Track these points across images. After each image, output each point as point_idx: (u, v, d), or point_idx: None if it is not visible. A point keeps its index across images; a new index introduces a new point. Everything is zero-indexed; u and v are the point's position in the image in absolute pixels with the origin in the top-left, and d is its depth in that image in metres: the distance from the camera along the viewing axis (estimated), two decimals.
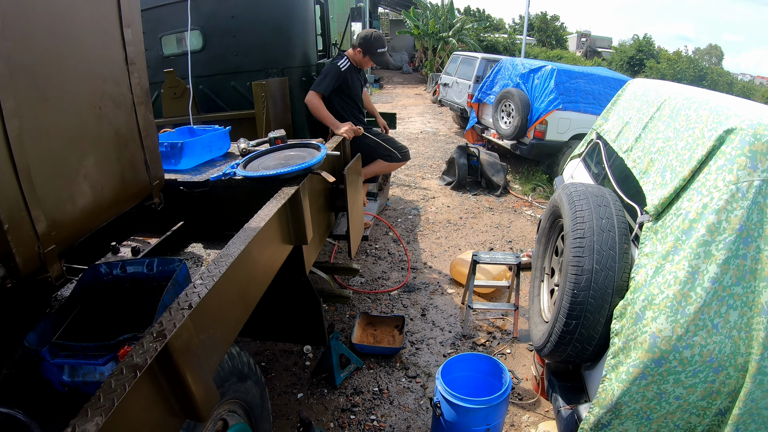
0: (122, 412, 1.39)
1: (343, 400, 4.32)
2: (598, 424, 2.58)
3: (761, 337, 2.25)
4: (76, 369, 2.02)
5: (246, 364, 2.84)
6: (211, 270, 2.02)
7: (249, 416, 3.01)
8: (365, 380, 4.56)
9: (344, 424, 4.09)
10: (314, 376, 4.56)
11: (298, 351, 4.92)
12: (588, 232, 2.78)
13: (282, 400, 4.31)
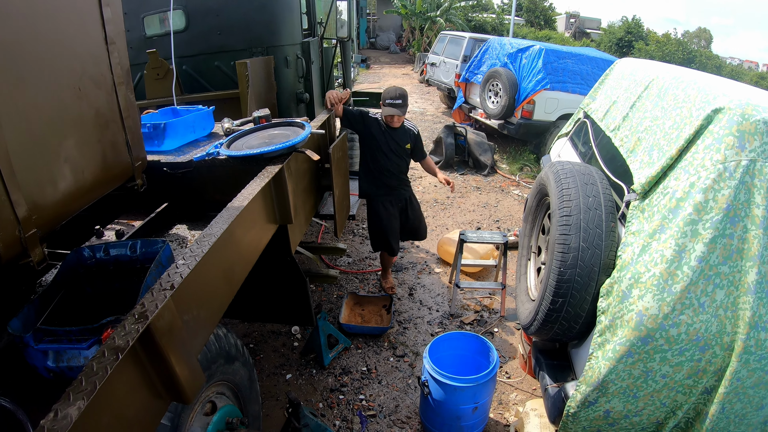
0: (105, 395, 1.37)
1: (332, 380, 4.32)
2: (585, 402, 2.59)
3: (747, 316, 2.26)
4: (61, 354, 2.00)
5: (233, 346, 2.83)
6: (193, 250, 1.99)
7: (237, 398, 3.00)
8: (353, 360, 4.57)
9: (333, 404, 4.10)
10: (303, 357, 4.56)
11: (286, 332, 4.91)
12: (575, 210, 2.78)
13: (271, 381, 4.31)
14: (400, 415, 4.01)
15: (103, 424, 1.40)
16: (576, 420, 2.72)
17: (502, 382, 4.33)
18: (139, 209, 3.55)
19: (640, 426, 2.69)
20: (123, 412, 1.50)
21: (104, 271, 2.55)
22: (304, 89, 5.69)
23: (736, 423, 2.55)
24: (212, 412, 2.69)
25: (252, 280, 3.25)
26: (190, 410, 2.47)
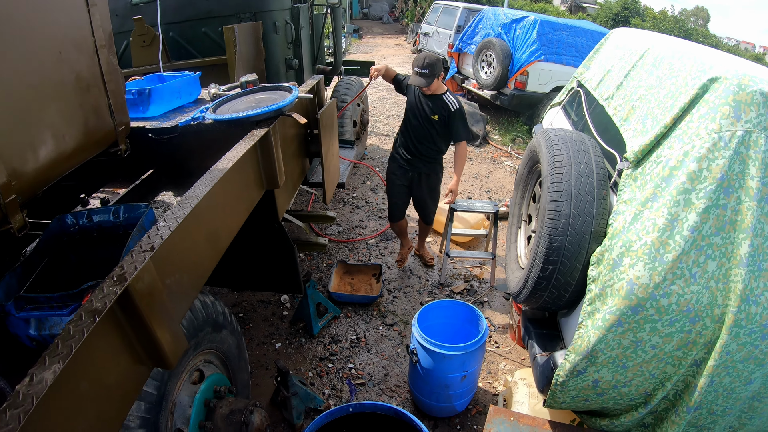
0: (82, 360, 1.33)
1: (321, 349, 4.32)
2: (574, 371, 2.59)
3: (739, 289, 2.24)
4: (43, 322, 1.97)
5: (221, 314, 2.80)
6: (174, 212, 1.94)
7: (226, 366, 2.99)
8: (343, 329, 4.57)
9: (322, 372, 4.10)
10: (292, 326, 4.56)
11: (275, 301, 4.90)
12: (566, 176, 2.74)
13: (260, 350, 4.31)
14: (390, 383, 4.02)
15: (81, 390, 1.37)
16: (564, 389, 2.72)
17: (492, 351, 4.34)
18: (124, 177, 3.50)
19: (628, 396, 2.69)
20: (103, 378, 1.47)
21: (88, 238, 2.51)
22: (293, 55, 5.59)
23: (724, 397, 2.55)
24: (200, 381, 2.68)
25: (240, 248, 3.23)
26: (177, 379, 2.45)
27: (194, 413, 2.56)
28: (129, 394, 1.67)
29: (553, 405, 2.92)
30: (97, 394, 1.45)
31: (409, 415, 2.59)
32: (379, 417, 2.77)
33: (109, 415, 1.52)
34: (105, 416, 1.50)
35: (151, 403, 2.16)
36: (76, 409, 1.35)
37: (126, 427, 2.03)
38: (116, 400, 1.57)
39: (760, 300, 2.27)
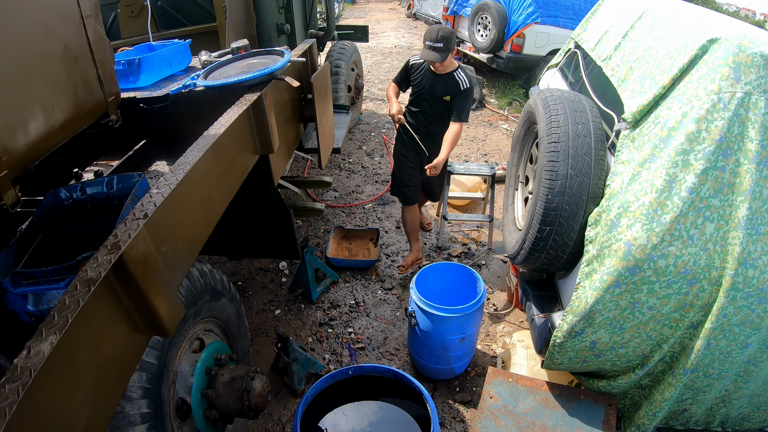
0: (79, 330, 1.33)
1: (321, 315, 4.34)
2: (572, 332, 2.60)
3: (736, 252, 2.24)
4: (41, 297, 1.96)
5: (219, 282, 2.80)
6: (167, 178, 1.92)
7: (226, 334, 3.00)
8: (341, 294, 4.58)
9: (322, 338, 4.13)
10: (291, 292, 4.57)
11: (274, 268, 4.90)
12: (563, 136, 2.71)
13: (260, 317, 4.33)
14: (389, 347, 4.05)
15: (80, 361, 1.37)
16: (562, 350, 2.74)
17: (490, 314, 4.37)
18: (117, 149, 3.48)
19: (625, 358, 2.71)
20: (101, 348, 1.47)
21: (82, 211, 2.49)
22: (284, 20, 5.50)
23: (720, 360, 2.57)
24: (200, 350, 2.69)
25: (236, 215, 3.21)
26: (178, 348, 2.46)
27: (196, 382, 2.58)
28: (128, 363, 1.67)
29: (551, 366, 2.95)
30: (95, 364, 1.45)
31: (408, 377, 2.61)
32: (379, 380, 2.79)
33: (108, 385, 1.53)
34: (105, 386, 1.50)
35: (152, 373, 2.17)
36: (75, 380, 1.36)
37: (128, 398, 2.05)
38: (115, 369, 1.57)
39: (758, 264, 2.27)
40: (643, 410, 2.87)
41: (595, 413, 2.98)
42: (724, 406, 2.95)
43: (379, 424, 2.79)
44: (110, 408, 1.57)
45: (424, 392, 2.55)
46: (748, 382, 2.76)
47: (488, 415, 2.98)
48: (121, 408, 2.03)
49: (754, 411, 3.02)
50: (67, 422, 1.35)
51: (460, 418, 3.52)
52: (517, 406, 3.02)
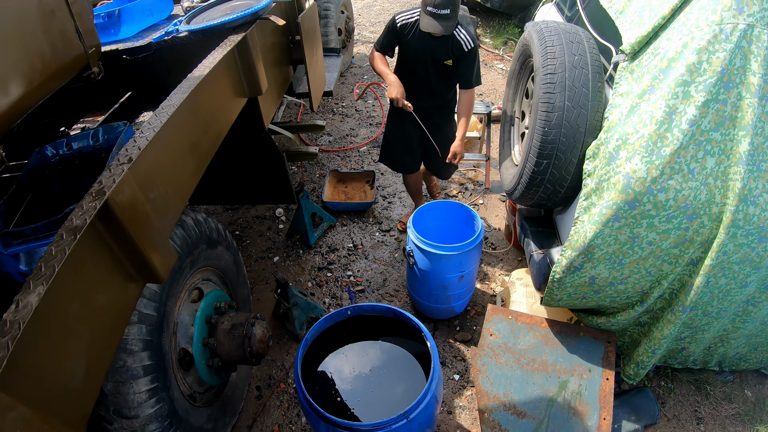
0: (67, 280, 1.31)
1: (319, 259, 4.34)
2: (571, 267, 2.59)
3: (737, 187, 2.21)
4: (32, 255, 1.93)
5: (214, 230, 2.78)
6: (151, 122, 1.87)
7: (225, 283, 3.00)
8: (339, 237, 4.57)
9: (322, 282, 4.14)
10: (289, 239, 4.56)
11: (270, 216, 4.88)
12: (560, 68, 2.64)
13: (259, 265, 4.32)
14: (389, 288, 4.07)
15: (72, 312, 1.35)
16: (561, 286, 2.73)
17: (488, 253, 4.36)
18: (103, 104, 3.41)
19: (625, 294, 2.71)
20: (93, 298, 1.45)
21: (70, 168, 2.45)
22: None
23: (719, 299, 2.57)
24: (199, 299, 2.69)
25: (229, 161, 3.17)
26: (176, 298, 2.46)
27: (196, 331, 2.59)
28: (122, 313, 1.66)
29: (550, 303, 2.95)
30: (88, 315, 1.43)
31: (407, 315, 2.61)
32: (379, 319, 2.80)
33: (103, 336, 1.52)
34: (99, 337, 1.49)
35: (151, 325, 2.17)
36: (67, 332, 1.34)
37: (129, 351, 2.05)
38: (109, 320, 1.56)
39: (759, 201, 2.24)
40: (642, 347, 2.90)
41: (594, 350, 3.00)
42: (722, 346, 2.98)
43: (380, 364, 2.81)
44: (107, 359, 1.57)
45: (423, 329, 2.55)
46: (746, 322, 2.77)
47: (488, 352, 3.00)
48: (122, 362, 2.03)
49: (751, 351, 3.05)
50: (63, 375, 1.34)
51: (461, 356, 3.55)
52: (517, 343, 3.04)
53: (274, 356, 3.58)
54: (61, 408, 1.34)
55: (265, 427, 3.18)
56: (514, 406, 2.85)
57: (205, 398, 2.78)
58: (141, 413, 2.12)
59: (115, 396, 2.05)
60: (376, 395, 2.70)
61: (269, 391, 3.37)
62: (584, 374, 2.94)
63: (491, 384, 2.91)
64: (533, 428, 2.79)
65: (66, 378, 1.35)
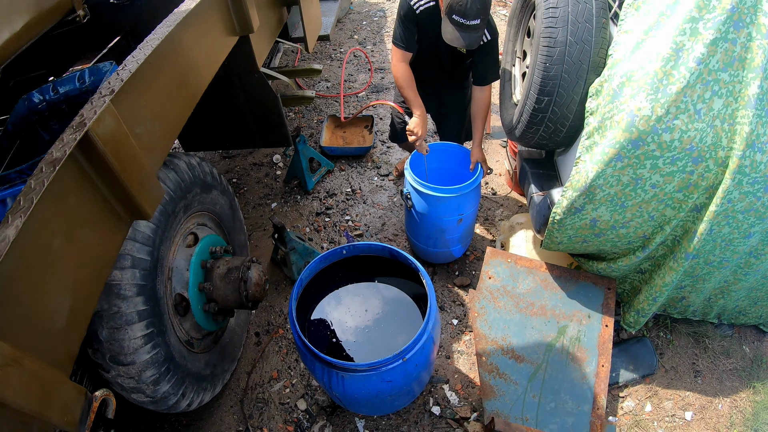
0: (48, 213, 1.27)
1: (317, 204, 4.30)
2: (571, 208, 2.53)
3: (745, 132, 2.13)
4: None
5: (209, 174, 2.73)
6: (135, 55, 1.80)
7: (220, 228, 2.97)
8: (337, 182, 4.52)
9: (320, 227, 4.10)
10: (286, 185, 4.51)
11: (268, 162, 4.82)
12: (563, 2, 2.52)
13: (257, 212, 4.29)
14: (387, 233, 4.04)
15: (54, 247, 1.30)
16: (562, 228, 2.69)
17: (488, 198, 4.32)
18: (93, 50, 3.31)
19: (626, 239, 2.66)
20: (77, 233, 1.41)
21: (58, 113, 2.40)
22: None
23: (722, 248, 2.52)
24: (195, 244, 2.65)
25: (224, 103, 3.09)
26: (171, 243, 2.42)
27: (192, 276, 2.56)
28: (108, 251, 1.62)
29: (550, 246, 2.91)
30: (72, 251, 1.40)
31: (404, 254, 2.58)
32: (375, 259, 2.77)
33: (89, 274, 1.48)
34: (85, 275, 1.45)
35: (145, 270, 2.14)
36: (50, 268, 1.31)
37: (123, 296, 2.02)
38: (95, 257, 1.52)
39: (766, 148, 2.16)
40: (642, 295, 2.87)
41: (594, 296, 2.98)
42: (722, 297, 2.96)
43: (377, 305, 2.80)
44: (93, 298, 1.54)
45: (420, 268, 2.52)
46: (747, 274, 2.73)
47: (487, 296, 2.99)
48: (117, 308, 2.01)
49: (751, 305, 3.02)
50: (48, 313, 1.31)
51: (460, 301, 3.55)
52: (516, 287, 3.02)
53: (273, 302, 3.58)
54: (46, 347, 1.31)
55: (264, 372, 3.19)
56: (512, 350, 2.85)
57: (202, 344, 2.78)
58: (137, 359, 2.11)
59: (110, 343, 2.04)
60: (373, 336, 2.69)
61: (268, 337, 3.38)
62: (583, 320, 2.93)
63: (489, 327, 2.90)
64: (531, 373, 2.80)
65: (50, 316, 1.32)
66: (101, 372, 2.12)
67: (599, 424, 2.63)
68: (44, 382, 1.28)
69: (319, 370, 2.29)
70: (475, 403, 2.99)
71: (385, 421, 2.92)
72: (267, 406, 3.03)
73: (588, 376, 2.77)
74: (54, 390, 1.32)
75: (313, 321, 2.76)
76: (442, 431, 2.88)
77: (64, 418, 1.34)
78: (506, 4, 8.12)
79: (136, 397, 2.24)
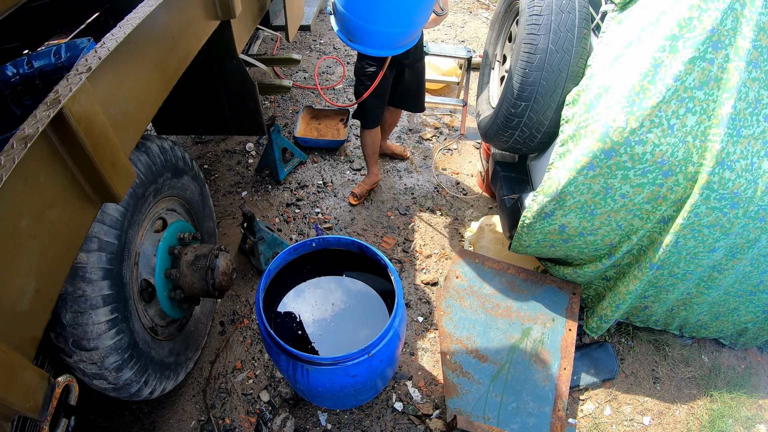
0: (18, 191, 1.24)
1: (288, 195, 4.27)
2: (542, 213, 2.57)
3: (716, 149, 2.19)
4: None
5: (180, 159, 2.69)
6: (114, 33, 1.76)
7: (190, 214, 2.93)
8: (309, 174, 4.50)
9: (289, 218, 4.08)
10: (258, 174, 4.47)
11: (240, 150, 4.77)
12: (546, 10, 2.56)
13: (227, 200, 4.25)
14: (356, 227, 4.03)
15: (22, 226, 1.27)
16: (531, 232, 2.72)
17: (459, 198, 4.34)
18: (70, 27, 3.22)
19: (593, 246, 2.71)
20: (45, 213, 1.38)
21: (31, 88, 2.33)
22: None
23: (687, 260, 2.58)
24: (163, 229, 2.62)
25: (200, 88, 3.04)
26: (139, 227, 2.38)
27: (159, 262, 2.53)
28: (77, 232, 1.58)
29: (519, 249, 2.95)
30: (40, 231, 1.37)
31: (373, 250, 2.58)
32: (344, 253, 2.77)
33: (56, 256, 1.45)
34: (52, 257, 1.43)
35: (112, 254, 2.10)
36: (16, 247, 1.28)
37: (88, 279, 1.98)
38: (63, 239, 1.49)
39: (735, 166, 2.23)
40: (606, 301, 2.93)
41: (559, 300, 3.03)
42: (684, 310, 3.03)
43: (344, 299, 2.80)
44: (59, 281, 1.51)
45: (389, 264, 2.53)
46: (710, 288, 2.80)
47: (454, 294, 3.01)
48: (81, 291, 1.97)
49: (712, 320, 3.10)
50: (12, 293, 1.28)
51: (426, 299, 3.56)
52: (482, 287, 3.05)
53: (239, 292, 3.55)
54: (8, 330, 1.29)
55: (227, 362, 3.17)
56: (477, 350, 2.88)
57: (167, 332, 2.74)
58: (100, 345, 2.08)
59: (73, 327, 2.00)
60: (339, 330, 2.70)
61: (233, 327, 3.35)
62: (547, 323, 2.97)
63: (455, 326, 2.93)
64: (494, 373, 2.83)
65: (15, 297, 1.29)
66: (63, 357, 2.08)
67: (559, 426, 2.68)
68: (6, 366, 1.25)
69: (284, 362, 2.28)
70: (437, 400, 3.02)
71: (347, 415, 2.93)
72: (230, 397, 3.01)
73: (550, 378, 2.82)
74: (16, 374, 1.29)
75: (279, 312, 2.75)
76: (404, 427, 2.90)
77: (27, 404, 1.32)
78: (489, 7, 8.17)
79: (98, 384, 2.20)
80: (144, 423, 2.89)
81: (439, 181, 4.50)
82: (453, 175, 4.58)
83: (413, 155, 4.77)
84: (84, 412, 2.88)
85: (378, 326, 2.65)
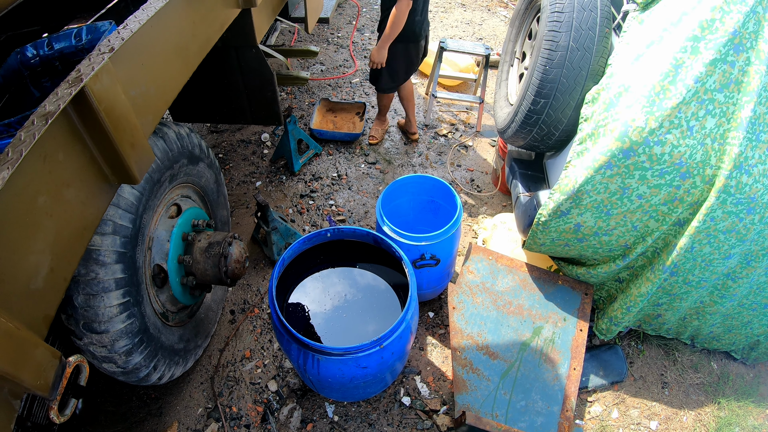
0: (37, 168, 1.24)
1: (302, 187, 4.28)
2: (557, 211, 2.55)
3: (734, 153, 2.17)
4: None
5: (197, 146, 2.69)
6: (137, 15, 1.76)
7: (204, 201, 2.94)
8: (324, 166, 4.50)
9: (303, 209, 4.08)
10: (273, 164, 4.48)
11: (256, 140, 4.77)
12: (568, 7, 2.54)
13: (241, 189, 4.25)
14: (370, 220, 4.03)
15: (39, 204, 1.28)
16: (546, 230, 2.70)
17: (473, 195, 4.32)
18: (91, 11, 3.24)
19: (608, 246, 2.69)
20: (63, 192, 1.38)
21: (51, 70, 2.34)
22: None
23: (701, 267, 2.55)
24: (177, 215, 2.62)
25: (219, 76, 3.04)
26: (153, 212, 2.39)
27: (172, 247, 2.53)
28: (92, 213, 1.59)
29: (533, 247, 2.93)
30: (57, 209, 1.37)
31: (388, 242, 2.57)
32: (358, 245, 2.76)
33: (71, 235, 1.45)
34: (67, 235, 1.43)
35: (126, 237, 2.11)
36: (33, 224, 1.28)
37: (101, 262, 1.99)
38: (79, 218, 1.49)
39: (753, 171, 2.21)
40: (617, 303, 2.90)
41: (571, 300, 3.01)
42: (697, 319, 3.00)
43: (357, 290, 2.79)
44: (74, 261, 1.51)
45: (404, 257, 2.51)
46: (724, 297, 2.77)
47: (466, 290, 3.00)
48: (94, 274, 1.98)
49: (725, 332, 3.06)
50: (27, 270, 1.28)
51: None
52: (495, 284, 3.04)
53: (250, 281, 3.56)
54: (22, 307, 1.29)
55: (236, 351, 3.18)
56: (487, 347, 2.87)
57: (178, 318, 2.75)
58: (111, 328, 2.09)
59: (85, 309, 2.01)
60: (351, 322, 2.69)
61: (243, 316, 3.36)
62: (559, 322, 2.95)
63: (466, 322, 2.92)
64: (504, 370, 2.82)
65: (29, 274, 1.30)
66: (73, 339, 2.09)
67: (567, 426, 2.66)
68: (18, 343, 1.25)
69: (294, 351, 2.28)
70: (445, 396, 3.01)
71: (355, 407, 2.93)
72: (237, 385, 3.02)
73: (559, 377, 2.80)
74: (28, 351, 1.29)
75: (290, 302, 2.75)
76: (411, 422, 2.89)
77: (37, 382, 1.32)
78: (507, 5, 8.12)
79: (107, 367, 2.21)
80: (151, 408, 2.91)
81: (454, 178, 4.48)
82: (468, 172, 4.57)
83: (428, 151, 4.76)
84: (91, 395, 2.89)
85: (389, 320, 2.64)
